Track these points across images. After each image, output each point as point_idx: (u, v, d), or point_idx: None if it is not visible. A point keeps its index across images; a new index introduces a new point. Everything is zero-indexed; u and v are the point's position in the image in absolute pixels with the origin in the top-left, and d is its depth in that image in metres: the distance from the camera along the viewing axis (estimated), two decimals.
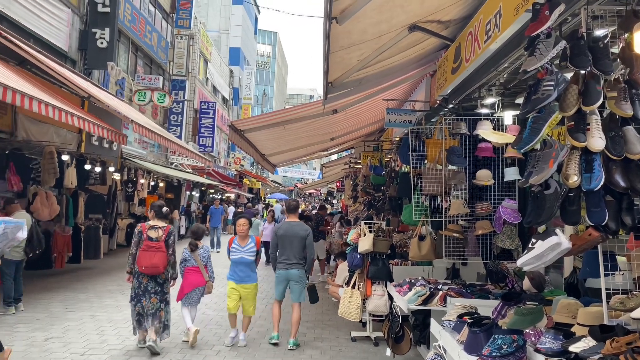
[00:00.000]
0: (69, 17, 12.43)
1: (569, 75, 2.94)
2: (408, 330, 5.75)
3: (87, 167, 11.84)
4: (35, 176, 10.20)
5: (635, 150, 2.72)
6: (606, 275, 2.97)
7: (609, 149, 2.73)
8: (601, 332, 2.66)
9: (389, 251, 6.80)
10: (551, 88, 2.80)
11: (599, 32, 2.89)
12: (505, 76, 4.71)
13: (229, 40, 41.36)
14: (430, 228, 6.21)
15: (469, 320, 3.50)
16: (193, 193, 23.79)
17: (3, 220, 4.95)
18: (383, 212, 9.39)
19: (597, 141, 2.71)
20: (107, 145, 13.84)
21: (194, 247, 6.57)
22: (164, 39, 21.10)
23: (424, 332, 5.55)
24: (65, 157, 10.87)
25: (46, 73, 9.46)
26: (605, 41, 2.84)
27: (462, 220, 5.75)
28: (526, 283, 4.57)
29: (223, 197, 30.23)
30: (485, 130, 5.18)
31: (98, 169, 12.24)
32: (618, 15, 2.92)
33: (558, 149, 2.83)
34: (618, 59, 2.88)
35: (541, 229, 3.24)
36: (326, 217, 14.35)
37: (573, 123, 2.80)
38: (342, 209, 19.14)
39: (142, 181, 16.42)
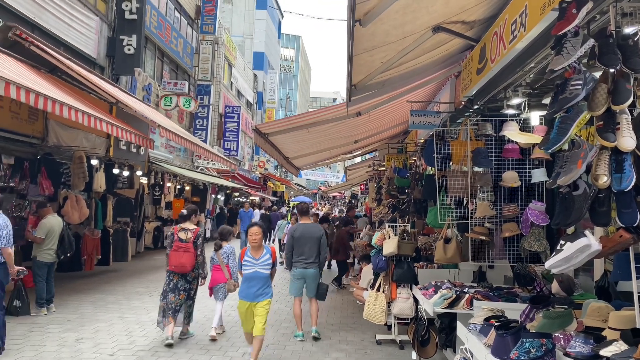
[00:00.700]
0: (98, 25, 12.73)
1: (598, 74, 2.89)
2: (434, 333, 5.69)
3: (116, 171, 12.07)
4: (65, 180, 10.46)
5: None
6: (638, 278, 2.90)
7: None
8: (633, 336, 2.60)
9: (414, 254, 6.75)
10: (579, 87, 2.76)
11: (629, 30, 2.83)
12: (531, 76, 4.64)
13: (253, 44, 41.74)
14: (455, 230, 6.15)
15: (496, 323, 3.45)
16: (218, 196, 24.02)
17: None
18: (408, 215, 9.33)
19: (628, 141, 2.65)
20: (135, 149, 14.09)
21: (218, 247, 7.11)
22: (189, 45, 21.42)
23: (450, 336, 5.48)
24: (94, 162, 11.11)
25: (76, 80, 9.70)
26: (635, 39, 2.78)
27: (489, 222, 5.67)
28: (555, 286, 4.48)
29: (247, 200, 30.46)
30: (511, 131, 5.11)
31: (126, 173, 12.47)
32: None
33: (587, 149, 2.78)
34: None
35: (570, 231, 3.18)
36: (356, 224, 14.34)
37: (602, 122, 2.74)
38: (367, 212, 19.08)
39: (169, 185, 16.68)
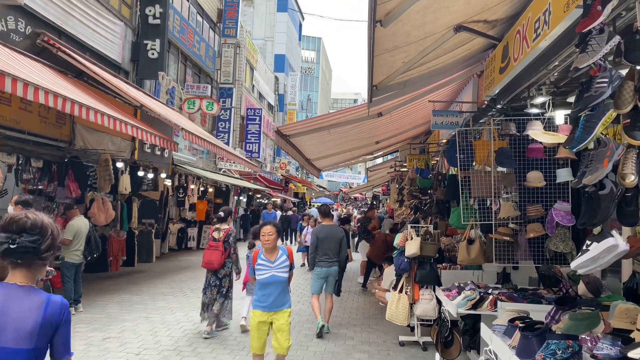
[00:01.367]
0: (122, 30, 12.97)
1: (624, 71, 2.84)
2: (457, 335, 5.65)
3: (140, 174, 12.27)
4: (92, 183, 10.68)
5: None
6: None
7: None
8: None
9: (437, 255, 6.71)
10: (605, 85, 2.72)
11: None
12: (555, 75, 4.58)
13: (274, 47, 41.99)
14: (479, 231, 6.09)
15: (521, 324, 3.42)
16: (241, 198, 24.22)
17: None
18: (430, 216, 9.28)
19: None
20: (159, 152, 14.32)
21: (251, 246, 7.54)
22: (212, 48, 21.66)
23: (474, 337, 5.44)
24: (119, 165, 11.32)
25: (101, 84, 9.91)
26: None
27: (513, 223, 5.60)
28: (581, 287, 4.40)
29: (270, 201, 30.62)
30: (535, 130, 5.05)
31: (150, 176, 12.67)
32: None
33: (613, 148, 2.74)
34: None
35: (596, 231, 3.13)
36: (373, 221, 14.28)
37: (629, 120, 2.70)
38: (389, 213, 19.00)
39: (192, 187, 16.88)
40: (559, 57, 3.97)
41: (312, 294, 7.47)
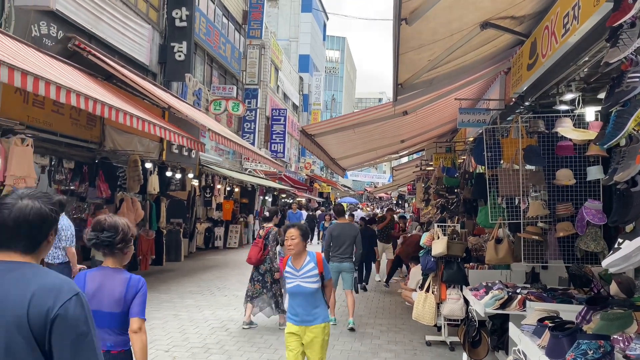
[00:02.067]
0: (150, 33, 13.20)
1: None
2: (485, 335, 5.59)
3: (168, 174, 12.48)
4: (121, 183, 10.91)
5: None
6: None
7: None
8: None
9: (464, 254, 6.65)
10: (636, 80, 2.66)
11: None
12: (585, 70, 4.49)
13: (299, 47, 42.13)
14: (507, 230, 6.01)
15: (551, 324, 3.36)
16: (266, 198, 24.40)
17: None
18: (457, 215, 9.19)
19: None
20: (186, 153, 14.52)
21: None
22: (237, 50, 21.87)
23: (502, 338, 5.37)
24: (148, 165, 11.53)
25: (130, 86, 10.11)
26: None
27: (542, 222, 5.52)
28: (613, 287, 4.31)
29: (295, 201, 30.75)
30: (565, 127, 4.96)
31: (178, 176, 12.87)
32: None
33: None
34: None
35: (629, 229, 3.07)
36: (397, 221, 14.20)
37: None
38: (414, 213, 18.88)
39: (219, 187, 17.08)
40: (589, 53, 3.90)
41: None
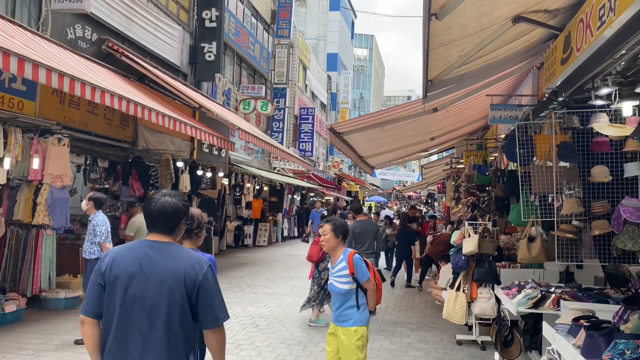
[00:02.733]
0: (180, 34, 13.42)
1: None
2: (518, 334, 5.50)
3: (199, 173, 12.66)
4: (154, 182, 11.12)
5: None
6: None
7: None
8: None
9: (496, 253, 6.55)
10: None
11: None
12: (622, 64, 4.36)
13: (327, 46, 42.15)
14: (540, 229, 5.89)
15: (586, 323, 3.29)
16: (294, 196, 24.52)
17: None
18: (488, 213, 9.04)
19: None
20: (217, 152, 14.72)
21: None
22: (266, 50, 22.02)
23: (535, 338, 5.27)
24: (180, 164, 11.73)
25: (162, 87, 10.30)
26: None
27: (576, 220, 5.39)
28: None
29: (322, 200, 30.78)
30: (600, 123, 4.84)
31: (209, 175, 13.04)
32: None
33: None
34: None
35: None
36: (427, 221, 14.06)
37: None
38: (444, 212, 18.67)
39: (248, 185, 17.24)
40: (626, 45, 3.79)
41: None
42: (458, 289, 6.64)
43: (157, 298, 2.30)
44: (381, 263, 13.25)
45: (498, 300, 5.98)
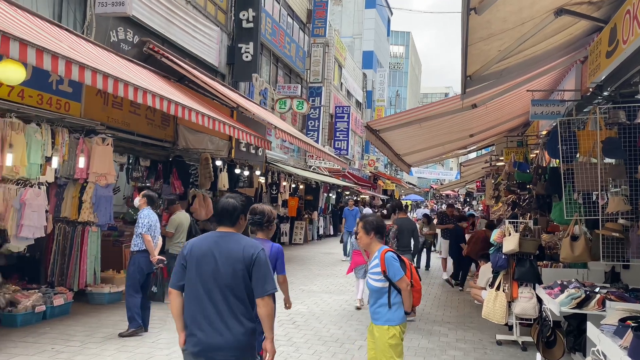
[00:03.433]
0: (218, 35, 13.63)
1: None
2: (561, 335, 5.36)
3: (237, 172, 12.83)
4: (193, 180, 11.34)
5: None
6: None
7: None
8: None
9: (537, 252, 6.40)
10: None
11: None
12: None
13: (362, 44, 41.99)
14: (584, 227, 5.72)
15: (634, 324, 3.19)
16: (330, 195, 24.55)
17: None
18: (529, 212, 8.85)
19: None
20: (254, 151, 14.87)
21: (356, 236, 7.80)
22: (301, 49, 22.13)
23: (579, 339, 5.13)
24: (218, 163, 11.92)
25: (201, 87, 10.49)
26: None
27: (623, 218, 5.21)
28: None
29: (358, 199, 30.69)
30: None
31: (246, 173, 13.21)
32: None
33: None
34: None
35: None
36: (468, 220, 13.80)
37: None
38: (483, 210, 18.36)
39: (284, 184, 17.37)
40: None
41: None
42: (498, 288, 6.52)
43: (225, 273, 2.99)
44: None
45: (539, 300, 5.85)
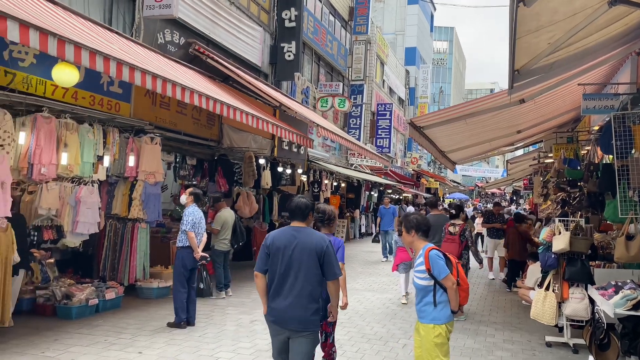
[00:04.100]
0: (261, 35, 13.79)
1: None
2: (615, 338, 5.15)
3: (280, 170, 12.96)
4: (237, 178, 11.54)
5: None
6: None
7: None
8: None
9: (589, 251, 6.17)
10: None
11: None
12: None
13: (405, 40, 41.54)
14: None
15: None
16: (372, 193, 24.44)
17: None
18: (580, 210, 8.53)
19: None
20: (296, 149, 14.99)
21: (400, 233, 7.72)
22: (343, 47, 22.10)
23: (635, 342, 4.91)
24: (261, 161, 12.08)
25: (245, 87, 10.65)
26: None
27: None
28: None
29: (401, 197, 30.42)
30: None
31: (288, 171, 13.32)
32: None
33: None
34: None
35: None
36: (511, 218, 13.42)
37: None
38: (531, 209, 17.86)
39: (326, 182, 17.41)
40: None
41: None
42: (547, 289, 6.33)
43: (301, 260, 3.66)
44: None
45: (592, 301, 5.64)
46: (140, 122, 8.13)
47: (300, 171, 14.39)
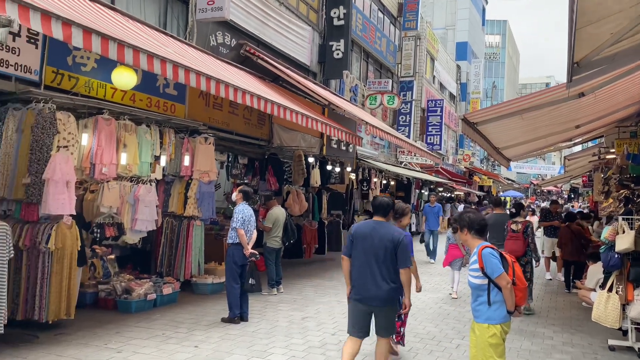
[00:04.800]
0: (310, 35, 13.86)
1: None
2: None
3: (329, 168, 12.99)
4: (287, 177, 11.66)
5: None
6: None
7: None
8: None
9: None
10: None
11: None
12: None
13: (456, 35, 40.72)
14: None
15: None
16: (422, 191, 24.10)
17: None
18: None
19: None
20: (344, 147, 14.98)
21: (454, 230, 8.14)
22: (392, 43, 21.89)
23: None
24: (310, 160, 12.15)
25: (294, 86, 10.74)
26: None
27: None
28: None
29: (452, 196, 29.82)
30: None
31: (337, 169, 13.33)
32: None
33: None
34: None
35: None
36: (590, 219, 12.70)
37: None
38: (591, 207, 17.12)
39: (375, 180, 17.30)
40: None
41: None
42: (610, 290, 6.05)
43: (379, 248, 4.34)
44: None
45: None
46: (194, 123, 8.35)
47: (349, 169, 14.37)
